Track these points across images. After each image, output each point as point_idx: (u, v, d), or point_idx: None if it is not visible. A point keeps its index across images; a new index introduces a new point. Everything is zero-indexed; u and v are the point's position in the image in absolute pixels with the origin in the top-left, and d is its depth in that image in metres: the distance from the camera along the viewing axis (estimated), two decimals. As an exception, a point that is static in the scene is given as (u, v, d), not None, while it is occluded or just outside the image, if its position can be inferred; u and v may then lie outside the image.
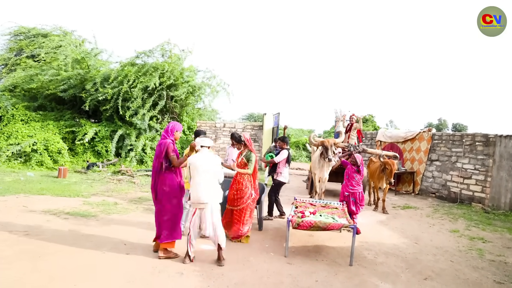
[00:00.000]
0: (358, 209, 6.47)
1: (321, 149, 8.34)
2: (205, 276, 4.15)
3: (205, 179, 4.46)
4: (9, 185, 8.92)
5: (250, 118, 33.42)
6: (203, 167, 4.45)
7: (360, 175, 6.46)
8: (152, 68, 14.40)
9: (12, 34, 18.97)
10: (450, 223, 7.79)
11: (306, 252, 5.32)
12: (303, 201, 6.58)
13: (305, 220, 5.02)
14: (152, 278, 4.04)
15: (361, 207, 6.51)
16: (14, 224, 5.72)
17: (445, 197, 10.65)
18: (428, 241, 6.39)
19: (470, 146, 10.11)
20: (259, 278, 4.22)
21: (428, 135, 11.70)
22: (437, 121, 42.34)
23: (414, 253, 5.63)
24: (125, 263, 4.41)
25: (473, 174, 9.91)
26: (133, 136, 14.09)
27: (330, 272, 4.59)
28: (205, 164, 4.47)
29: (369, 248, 5.75)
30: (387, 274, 4.67)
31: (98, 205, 7.48)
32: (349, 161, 6.65)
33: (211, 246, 5.22)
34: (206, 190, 4.44)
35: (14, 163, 12.25)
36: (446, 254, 5.68)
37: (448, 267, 5.06)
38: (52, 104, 15.59)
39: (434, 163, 11.30)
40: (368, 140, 15.30)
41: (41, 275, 3.90)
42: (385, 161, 8.32)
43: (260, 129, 17.00)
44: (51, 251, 4.64)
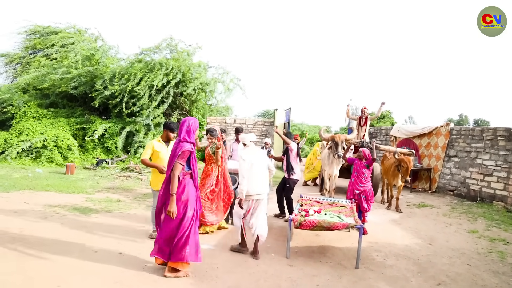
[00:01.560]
0: (370, 206, 6.21)
1: (330, 144, 7.96)
2: (197, 278, 3.88)
3: (260, 172, 4.73)
4: (15, 181, 8.88)
5: (266, 115, 33.10)
6: (258, 162, 4.71)
7: (369, 170, 6.14)
8: (159, 65, 14.24)
9: (27, 33, 19.13)
10: (468, 223, 7.31)
11: (310, 253, 4.99)
12: (309, 199, 6.26)
13: (308, 219, 4.69)
14: (142, 279, 3.79)
15: (371, 203, 6.25)
16: (11, 221, 5.59)
17: (464, 195, 10.11)
18: (443, 242, 5.97)
19: (491, 141, 9.54)
20: (255, 281, 3.93)
21: (445, 130, 11.14)
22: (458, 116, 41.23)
23: (428, 255, 5.23)
24: (116, 263, 4.18)
25: (494, 171, 9.34)
26: (141, 133, 13.97)
27: (334, 275, 4.26)
28: (258, 158, 4.74)
29: (378, 249, 5.39)
30: (396, 278, 4.31)
31: (101, 202, 7.32)
32: (355, 156, 6.30)
33: (209, 245, 4.98)
34: (262, 182, 4.72)
35: (25, 159, 12.29)
36: (463, 257, 5.26)
37: (464, 272, 4.65)
38: (63, 101, 15.65)
39: (452, 159, 10.76)
40: (383, 136, 14.78)
41: (24, 276, 3.70)
42: (400, 158, 7.90)
43: (271, 125, 16.67)
44: (41, 249, 4.45)
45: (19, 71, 18.11)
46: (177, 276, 3.83)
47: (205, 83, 15.67)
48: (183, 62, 14.79)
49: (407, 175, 7.75)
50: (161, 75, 13.77)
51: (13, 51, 18.91)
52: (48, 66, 15.68)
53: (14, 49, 19.17)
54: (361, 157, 6.19)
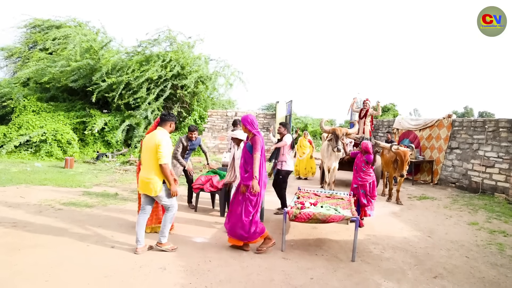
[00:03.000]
0: (370, 202, 6.01)
1: (330, 136, 7.85)
2: (189, 272, 3.82)
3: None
4: (13, 175, 8.86)
5: (270, 108, 32.93)
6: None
7: (368, 165, 5.97)
8: (156, 57, 14.12)
9: (27, 27, 19.07)
10: (469, 215, 7.21)
11: (306, 246, 4.92)
12: (307, 191, 6.18)
13: (303, 212, 4.61)
14: (132, 273, 3.74)
15: (372, 199, 6.04)
16: (4, 215, 5.56)
17: (465, 187, 10.00)
18: (443, 234, 5.88)
19: (493, 132, 9.40)
20: (248, 275, 3.86)
21: (448, 122, 11.00)
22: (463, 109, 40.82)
23: (426, 248, 5.15)
24: (107, 257, 4.14)
25: (496, 163, 9.21)
26: (141, 126, 13.92)
27: (329, 268, 4.18)
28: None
29: (376, 242, 5.31)
30: (392, 271, 4.23)
31: (98, 196, 7.29)
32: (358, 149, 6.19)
33: (203, 239, 4.92)
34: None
35: (24, 153, 12.28)
36: (462, 249, 5.17)
37: (462, 264, 4.57)
38: (63, 95, 15.62)
39: (454, 151, 10.63)
40: (385, 128, 14.64)
41: (11, 270, 3.66)
42: (396, 152, 7.77)
43: (273, 118, 16.56)
44: (33, 243, 4.42)
45: (19, 65, 18.08)
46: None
47: (205, 76, 15.54)
48: (183, 54, 14.67)
49: (403, 169, 7.59)
50: (157, 67, 13.65)
51: (13, 45, 18.86)
52: (48, 59, 15.62)
53: (14, 43, 19.14)
54: (363, 151, 6.03)
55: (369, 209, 6.04)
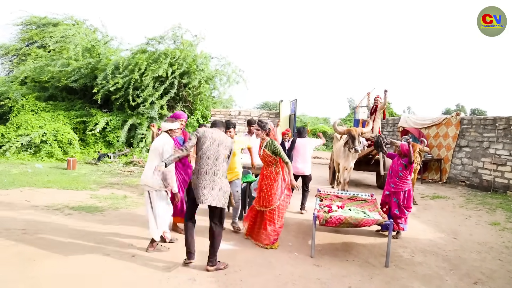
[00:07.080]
0: (403, 213, 5.29)
1: (345, 138, 7.64)
2: (221, 283, 3.59)
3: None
4: (15, 177, 8.54)
5: (265, 106, 32.82)
6: None
7: (407, 171, 5.28)
8: (163, 55, 13.80)
9: (24, 24, 18.62)
10: (488, 215, 7.07)
11: (334, 251, 4.72)
12: (327, 193, 5.98)
13: (334, 215, 4.41)
14: (159, 286, 3.50)
15: (407, 211, 5.33)
16: (13, 221, 5.26)
17: (476, 186, 9.88)
18: (467, 235, 5.73)
19: (504, 130, 9.28)
20: (284, 284, 3.65)
21: (456, 120, 10.88)
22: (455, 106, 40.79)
23: (455, 251, 4.98)
24: (129, 268, 3.87)
25: (508, 161, 9.09)
26: (144, 126, 13.60)
27: (364, 275, 3.99)
28: None
29: (403, 245, 5.13)
30: (430, 277, 4.05)
31: (106, 199, 7.02)
32: (395, 151, 5.65)
33: (227, 245, 4.69)
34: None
35: (24, 154, 11.91)
36: (492, 251, 5.02)
37: (498, 268, 4.41)
38: (63, 94, 15.20)
39: (464, 150, 10.51)
40: (390, 127, 14.50)
41: (28, 283, 3.40)
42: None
43: (276, 117, 16.30)
44: (47, 253, 4.13)
45: (16, 63, 17.66)
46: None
47: (210, 75, 15.28)
48: (188, 52, 14.38)
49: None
50: (166, 65, 13.34)
51: (9, 43, 18.42)
52: (47, 57, 15.22)
53: (10, 40, 18.71)
54: (401, 153, 5.38)
55: (402, 222, 5.29)
